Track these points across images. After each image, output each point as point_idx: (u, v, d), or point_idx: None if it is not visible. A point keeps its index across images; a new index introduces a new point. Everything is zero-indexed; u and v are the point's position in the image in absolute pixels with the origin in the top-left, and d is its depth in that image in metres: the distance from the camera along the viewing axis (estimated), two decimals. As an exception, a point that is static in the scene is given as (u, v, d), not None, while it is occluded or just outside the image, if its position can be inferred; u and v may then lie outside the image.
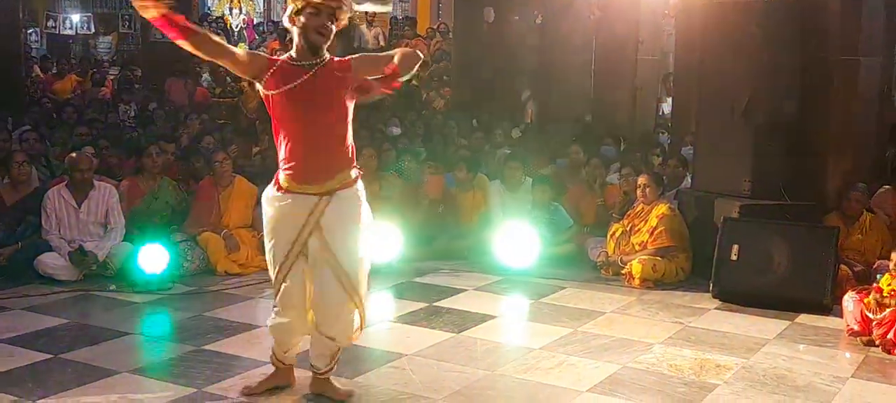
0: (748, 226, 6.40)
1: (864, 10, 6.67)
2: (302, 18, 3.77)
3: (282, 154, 3.89)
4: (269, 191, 3.97)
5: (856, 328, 5.33)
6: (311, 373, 4.21)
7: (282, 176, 3.90)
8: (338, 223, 3.85)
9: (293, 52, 3.86)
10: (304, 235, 3.85)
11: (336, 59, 3.90)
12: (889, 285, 5.28)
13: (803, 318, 5.81)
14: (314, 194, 3.84)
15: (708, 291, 6.30)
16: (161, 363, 4.82)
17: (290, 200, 3.87)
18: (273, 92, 3.80)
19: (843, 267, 6.21)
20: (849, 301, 5.43)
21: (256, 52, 3.94)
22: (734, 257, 6.23)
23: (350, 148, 3.92)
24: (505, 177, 7.87)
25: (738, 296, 6.14)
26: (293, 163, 3.84)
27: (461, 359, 4.86)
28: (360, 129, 10.39)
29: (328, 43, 3.82)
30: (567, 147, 9.06)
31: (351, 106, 3.88)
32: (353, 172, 3.94)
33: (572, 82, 12.23)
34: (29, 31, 18.37)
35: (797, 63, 6.76)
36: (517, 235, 6.92)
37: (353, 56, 3.96)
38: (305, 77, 3.78)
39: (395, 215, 7.03)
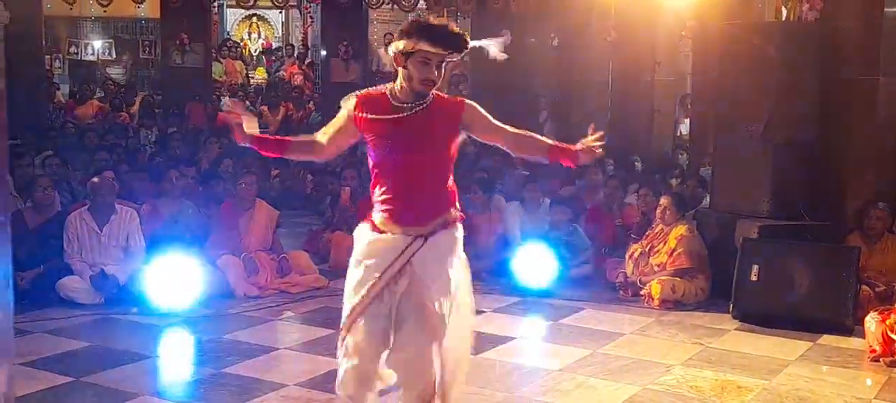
0: (768, 247, 6.37)
1: (884, 29, 6.64)
2: (409, 65, 3.45)
3: (377, 194, 3.60)
4: (362, 231, 3.67)
5: (878, 349, 5.28)
6: None
7: (377, 216, 3.60)
8: (431, 260, 3.53)
9: (396, 89, 3.54)
10: (391, 272, 3.50)
11: (444, 97, 3.63)
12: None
13: (825, 339, 5.77)
14: (410, 235, 3.55)
15: (728, 312, 6.26)
16: (181, 386, 4.85)
17: (383, 239, 3.57)
18: (368, 133, 3.56)
19: (864, 287, 6.15)
20: (871, 321, 5.38)
21: (341, 115, 3.60)
22: (754, 278, 6.20)
23: (451, 190, 3.65)
24: (523, 199, 7.88)
25: (758, 317, 6.11)
26: (389, 206, 3.56)
27: (480, 381, 4.85)
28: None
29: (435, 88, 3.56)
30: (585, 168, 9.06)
31: (454, 147, 3.60)
32: (453, 212, 3.65)
33: (589, 104, 12.24)
34: (52, 57, 18.59)
35: (816, 83, 6.75)
36: (535, 256, 6.91)
37: (469, 103, 3.64)
38: (404, 117, 3.50)
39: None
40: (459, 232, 3.68)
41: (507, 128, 3.69)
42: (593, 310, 6.45)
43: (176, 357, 5.48)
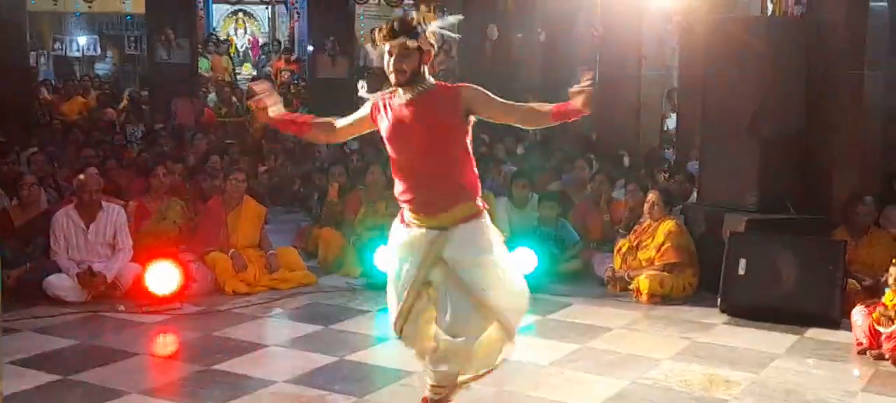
0: (755, 241, 6.40)
1: (870, 24, 6.68)
2: (386, 59, 3.68)
3: (396, 188, 3.83)
4: (394, 225, 3.88)
5: (865, 342, 5.31)
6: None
7: (402, 209, 3.84)
8: (462, 255, 3.71)
9: (395, 89, 3.74)
10: (424, 271, 3.74)
11: (441, 85, 3.77)
12: (892, 301, 5.26)
13: (812, 332, 5.80)
14: (434, 228, 3.72)
15: (715, 306, 6.29)
16: (170, 383, 4.83)
17: (411, 234, 3.77)
18: (380, 130, 3.81)
19: (851, 280, 6.19)
20: (857, 314, 5.42)
21: (364, 108, 3.86)
22: (742, 271, 6.23)
23: (468, 179, 3.76)
24: (511, 194, 7.89)
25: (746, 311, 6.13)
26: (406, 197, 3.78)
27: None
28: (364, 147, 10.52)
29: (409, 77, 3.64)
30: (572, 163, 9.08)
31: (461, 134, 3.70)
32: (475, 204, 3.77)
33: (576, 98, 12.24)
34: (38, 54, 18.47)
35: (802, 77, 6.78)
36: (523, 252, 6.92)
37: (466, 86, 3.73)
38: (400, 109, 3.70)
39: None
40: (482, 222, 3.80)
41: (512, 104, 3.78)
42: (582, 305, 6.46)
43: (164, 355, 5.46)
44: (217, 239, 6.87)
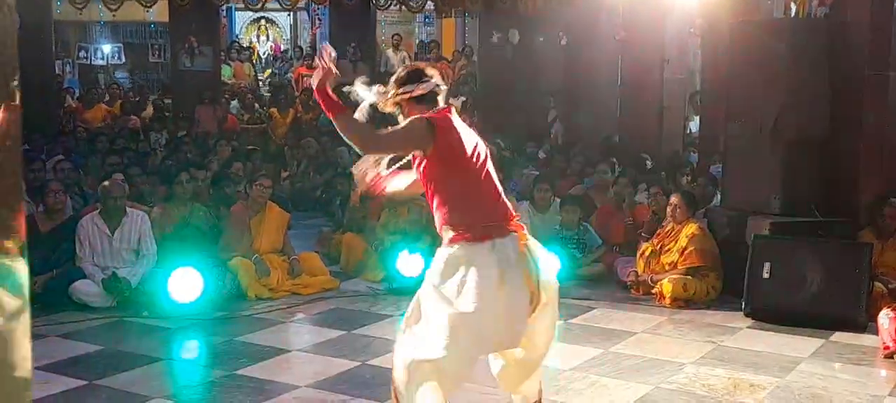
0: (780, 244, 6.35)
1: (894, 25, 6.62)
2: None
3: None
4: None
5: (892, 345, 5.26)
6: None
7: None
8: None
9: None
10: None
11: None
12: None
13: (838, 336, 5.74)
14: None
15: (739, 310, 6.25)
16: (194, 388, 4.86)
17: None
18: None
19: (877, 283, 6.13)
20: (884, 318, 5.36)
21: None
22: (766, 275, 6.18)
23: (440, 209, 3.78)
24: (533, 199, 7.88)
25: (770, 315, 6.09)
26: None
27: (492, 381, 4.81)
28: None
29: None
30: (594, 166, 9.06)
31: (423, 169, 3.70)
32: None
33: (599, 102, 12.23)
34: (63, 62, 18.67)
35: (825, 79, 6.72)
36: (548, 255, 6.89)
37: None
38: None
39: (426, 237, 7.05)
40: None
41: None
42: (605, 309, 6.44)
43: (188, 360, 5.49)
44: (240, 245, 6.91)
